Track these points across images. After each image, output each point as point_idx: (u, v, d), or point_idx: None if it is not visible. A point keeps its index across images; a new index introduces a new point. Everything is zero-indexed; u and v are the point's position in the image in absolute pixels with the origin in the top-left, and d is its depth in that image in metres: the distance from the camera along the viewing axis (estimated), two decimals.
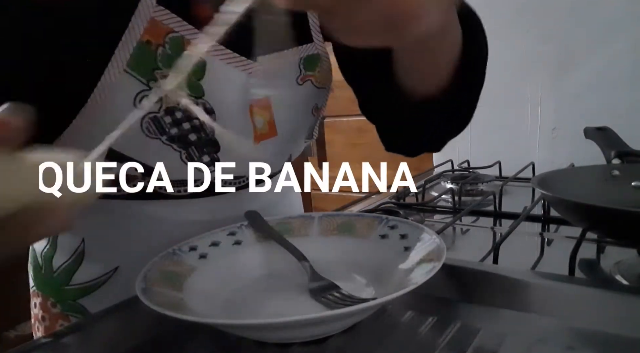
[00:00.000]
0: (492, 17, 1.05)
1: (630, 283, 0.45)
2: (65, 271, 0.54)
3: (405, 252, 0.43)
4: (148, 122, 0.44)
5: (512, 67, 1.02)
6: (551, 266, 0.50)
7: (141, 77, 0.42)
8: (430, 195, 0.85)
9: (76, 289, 0.54)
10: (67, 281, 0.54)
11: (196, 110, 0.34)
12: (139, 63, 0.42)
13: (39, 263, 0.56)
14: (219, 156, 0.49)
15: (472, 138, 1.11)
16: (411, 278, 0.38)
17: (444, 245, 0.40)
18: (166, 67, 0.42)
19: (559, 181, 0.56)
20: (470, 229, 0.69)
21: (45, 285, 0.56)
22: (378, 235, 0.48)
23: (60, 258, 0.54)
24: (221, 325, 0.34)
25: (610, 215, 0.44)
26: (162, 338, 0.40)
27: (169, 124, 0.45)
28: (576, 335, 0.36)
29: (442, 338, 0.36)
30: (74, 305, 0.54)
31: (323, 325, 0.35)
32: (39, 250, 0.56)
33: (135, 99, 0.42)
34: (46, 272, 0.55)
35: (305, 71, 0.53)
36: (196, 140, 0.47)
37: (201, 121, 0.46)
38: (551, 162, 0.97)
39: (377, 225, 0.49)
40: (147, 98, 0.33)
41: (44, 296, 0.56)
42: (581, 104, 0.96)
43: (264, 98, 0.50)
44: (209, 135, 0.48)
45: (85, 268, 0.53)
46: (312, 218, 0.52)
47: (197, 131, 0.47)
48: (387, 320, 0.40)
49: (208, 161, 0.49)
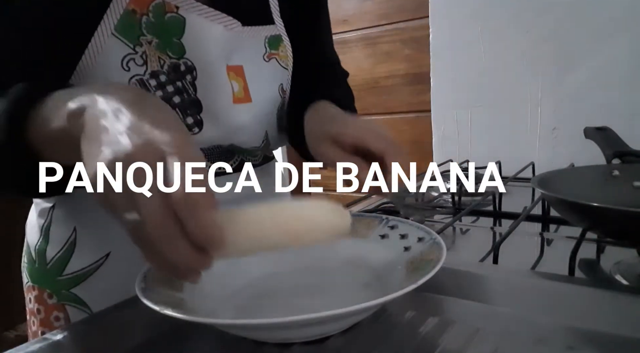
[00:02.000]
0: (492, 17, 1.06)
1: (630, 283, 0.45)
2: (58, 261, 0.55)
3: (405, 252, 0.43)
4: (135, 84, 0.47)
5: (512, 67, 1.02)
6: (551, 266, 0.50)
7: (128, 42, 0.46)
8: (430, 195, 0.85)
9: (70, 278, 0.55)
10: (60, 272, 0.55)
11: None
12: (125, 29, 0.46)
13: (32, 258, 0.57)
14: (202, 117, 0.52)
15: (472, 138, 1.12)
16: (411, 278, 0.38)
17: (444, 245, 0.40)
18: (150, 34, 0.47)
19: (559, 181, 0.56)
20: (470, 229, 0.69)
21: (40, 277, 0.57)
22: (378, 235, 0.48)
23: (53, 250, 0.55)
24: (220, 324, 0.34)
25: (610, 215, 0.44)
26: (162, 338, 0.40)
27: (154, 87, 0.49)
28: (576, 335, 0.36)
29: (442, 338, 0.36)
30: (68, 295, 0.55)
31: (322, 325, 0.35)
32: (32, 244, 0.57)
33: (122, 61, 0.46)
34: (40, 265, 0.56)
35: (270, 49, 0.57)
36: (180, 102, 0.50)
37: (183, 83, 0.50)
38: (551, 162, 0.97)
39: (376, 225, 0.49)
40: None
41: (40, 289, 0.57)
42: (581, 104, 0.96)
43: (239, 66, 0.54)
44: (191, 95, 0.51)
45: (78, 257, 0.54)
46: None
47: (180, 93, 0.50)
48: (387, 320, 0.40)
49: (192, 123, 0.51)
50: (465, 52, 1.08)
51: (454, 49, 1.10)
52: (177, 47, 0.49)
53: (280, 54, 0.59)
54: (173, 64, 0.49)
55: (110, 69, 0.46)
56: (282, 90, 0.61)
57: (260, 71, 0.57)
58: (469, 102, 1.10)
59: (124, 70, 0.47)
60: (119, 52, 0.46)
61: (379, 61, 1.32)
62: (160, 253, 0.28)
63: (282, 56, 0.59)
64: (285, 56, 0.60)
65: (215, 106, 0.52)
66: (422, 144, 1.24)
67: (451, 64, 1.11)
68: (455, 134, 1.14)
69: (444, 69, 1.13)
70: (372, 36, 1.32)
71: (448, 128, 1.15)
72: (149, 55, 0.47)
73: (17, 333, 1.41)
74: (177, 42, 0.48)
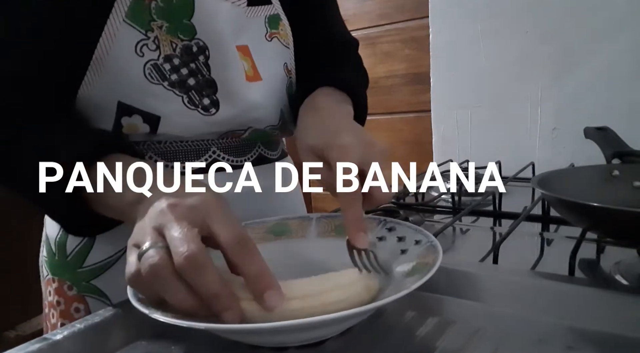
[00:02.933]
0: (492, 17, 1.06)
1: (630, 283, 0.45)
2: (78, 253, 0.55)
3: (402, 255, 0.43)
4: (150, 69, 0.49)
5: (512, 67, 1.02)
6: (551, 266, 0.50)
7: (140, 28, 0.48)
8: (430, 195, 0.85)
9: (90, 270, 0.55)
10: (80, 264, 0.55)
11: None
12: (136, 15, 0.47)
13: (52, 250, 0.58)
14: (217, 97, 0.52)
15: (472, 138, 1.12)
16: (407, 281, 0.38)
17: (440, 249, 0.40)
18: (160, 19, 0.48)
19: (559, 181, 0.56)
20: (470, 229, 0.69)
21: (60, 269, 0.57)
22: (375, 238, 0.48)
23: (73, 242, 0.56)
24: (213, 329, 0.33)
25: (610, 215, 0.44)
26: (157, 341, 0.40)
27: (169, 71, 0.50)
28: (576, 335, 0.36)
29: (442, 339, 0.36)
30: (88, 286, 0.56)
31: (316, 329, 0.35)
32: (52, 237, 0.57)
33: (136, 47, 0.48)
34: (60, 257, 0.57)
35: (270, 29, 0.58)
36: (195, 84, 0.51)
37: (197, 64, 0.51)
38: (551, 162, 0.97)
39: (375, 227, 0.48)
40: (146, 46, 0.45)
41: (60, 281, 0.57)
42: (581, 104, 0.96)
43: (245, 46, 0.55)
44: (205, 76, 0.52)
45: (98, 249, 0.55)
46: (309, 219, 0.52)
47: (194, 74, 0.51)
48: (387, 320, 0.40)
49: (208, 104, 0.52)
50: (465, 52, 1.08)
51: (454, 49, 1.10)
52: (187, 28, 0.49)
53: (281, 33, 0.60)
54: (185, 46, 0.50)
55: (125, 56, 0.48)
56: (287, 69, 0.62)
57: (265, 50, 0.58)
58: (469, 102, 1.10)
59: (138, 56, 0.48)
60: (132, 38, 0.48)
61: (379, 60, 1.32)
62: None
63: (282, 34, 0.60)
64: (286, 34, 0.61)
65: (229, 85, 0.53)
66: (422, 144, 1.24)
67: (451, 64, 1.11)
68: (455, 134, 1.14)
69: (444, 69, 1.13)
70: (372, 36, 1.32)
71: (448, 128, 1.15)
72: (161, 39, 0.49)
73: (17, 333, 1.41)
74: (188, 24, 0.49)
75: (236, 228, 0.35)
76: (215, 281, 0.32)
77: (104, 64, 0.48)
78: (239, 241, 0.34)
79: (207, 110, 0.52)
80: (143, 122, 0.51)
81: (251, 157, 0.60)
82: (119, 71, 0.48)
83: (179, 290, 0.32)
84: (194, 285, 0.32)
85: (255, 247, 0.35)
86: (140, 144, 0.53)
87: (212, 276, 0.32)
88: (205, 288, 0.32)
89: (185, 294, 0.32)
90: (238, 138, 0.59)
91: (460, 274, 0.44)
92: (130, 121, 0.50)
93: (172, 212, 0.34)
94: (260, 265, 0.34)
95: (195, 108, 0.52)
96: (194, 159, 0.55)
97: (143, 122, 0.51)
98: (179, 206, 0.35)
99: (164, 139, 0.53)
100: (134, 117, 0.50)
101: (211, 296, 0.32)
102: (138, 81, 0.49)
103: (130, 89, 0.49)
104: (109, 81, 0.48)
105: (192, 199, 0.36)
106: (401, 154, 1.33)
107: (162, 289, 0.33)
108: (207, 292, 0.32)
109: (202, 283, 0.32)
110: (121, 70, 0.48)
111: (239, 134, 0.58)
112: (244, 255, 0.34)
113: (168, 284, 0.32)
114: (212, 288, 0.32)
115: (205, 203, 0.36)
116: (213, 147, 0.56)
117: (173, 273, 0.32)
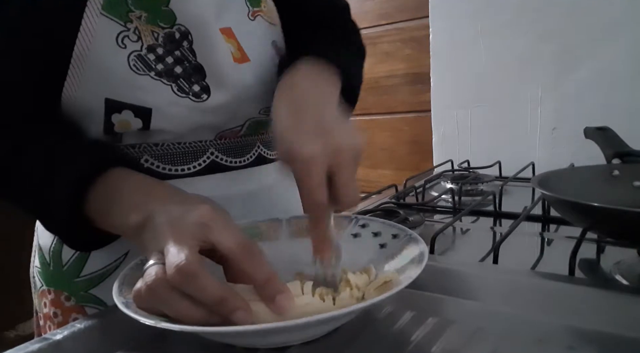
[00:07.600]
0: (492, 17, 1.06)
1: (630, 283, 0.45)
2: (75, 263, 0.54)
3: (383, 249, 0.43)
4: (135, 60, 0.47)
5: (512, 67, 1.02)
6: (551, 266, 0.50)
7: (118, 19, 0.46)
8: (430, 195, 0.85)
9: (88, 279, 0.54)
10: (77, 274, 0.54)
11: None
12: (113, 6, 0.46)
13: (46, 260, 0.56)
14: (207, 82, 0.51)
15: (472, 138, 1.12)
16: (394, 280, 0.38)
17: (421, 240, 0.40)
18: (138, 9, 0.47)
19: (559, 181, 0.56)
20: (470, 229, 0.69)
21: (55, 280, 0.56)
22: (350, 235, 0.47)
23: (69, 251, 0.54)
24: (202, 332, 0.33)
25: (610, 215, 0.44)
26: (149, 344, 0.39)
27: (154, 61, 0.48)
28: (576, 335, 0.36)
29: (442, 338, 0.36)
30: (87, 296, 0.54)
31: (323, 325, 0.35)
32: (46, 247, 0.56)
33: (117, 39, 0.46)
34: (55, 267, 0.55)
35: (252, 7, 0.56)
36: (182, 72, 0.50)
37: (182, 50, 0.49)
38: (551, 162, 0.97)
39: (346, 225, 0.48)
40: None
41: (57, 292, 0.56)
42: (581, 104, 0.96)
43: (227, 28, 0.53)
44: (192, 62, 0.50)
45: (96, 257, 0.53)
46: (279, 220, 0.51)
47: (180, 62, 0.49)
48: (387, 320, 0.40)
49: (199, 91, 0.51)
50: (465, 52, 1.08)
51: (454, 49, 1.10)
52: (167, 15, 0.48)
53: (264, 10, 0.58)
54: (167, 33, 0.48)
55: (107, 50, 0.46)
56: (276, 47, 0.59)
57: (249, 30, 0.55)
58: (469, 102, 1.10)
59: (120, 47, 0.47)
60: (112, 31, 0.46)
61: (379, 60, 1.32)
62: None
63: (265, 11, 0.58)
64: (270, 11, 0.59)
65: (217, 69, 0.51)
66: (422, 144, 1.24)
67: (451, 64, 1.11)
68: (455, 134, 1.14)
69: (444, 69, 1.13)
70: (372, 36, 1.32)
71: (448, 128, 1.15)
72: (141, 30, 0.47)
73: (17, 333, 1.41)
74: (166, 10, 0.48)
75: (238, 236, 0.35)
76: (213, 286, 0.32)
77: (85, 60, 0.46)
78: (244, 247, 0.35)
79: (199, 96, 0.51)
80: (134, 116, 0.49)
81: (250, 158, 0.59)
82: (102, 66, 0.47)
83: (179, 303, 0.32)
84: (192, 295, 0.32)
85: (260, 251, 0.35)
86: (136, 147, 0.52)
87: (206, 282, 0.32)
88: (204, 294, 0.32)
89: (187, 306, 0.32)
90: (236, 137, 0.58)
91: (461, 274, 0.44)
92: (121, 118, 0.49)
93: (172, 230, 0.35)
94: (268, 269, 0.34)
95: (186, 96, 0.50)
96: (191, 161, 0.54)
97: (134, 116, 0.49)
98: (179, 224, 0.35)
99: (160, 139, 0.52)
100: (124, 113, 0.49)
101: (214, 302, 0.32)
102: (123, 73, 0.47)
103: (117, 84, 0.47)
104: (93, 78, 0.47)
105: (192, 215, 0.36)
106: (401, 154, 1.33)
107: (163, 305, 0.33)
108: (208, 298, 0.32)
109: (199, 290, 0.32)
110: (104, 64, 0.47)
111: (236, 131, 0.57)
112: (250, 260, 0.34)
113: (166, 299, 0.33)
114: (211, 293, 0.32)
115: (205, 217, 0.36)
116: (211, 148, 0.55)
117: (169, 288, 0.32)
